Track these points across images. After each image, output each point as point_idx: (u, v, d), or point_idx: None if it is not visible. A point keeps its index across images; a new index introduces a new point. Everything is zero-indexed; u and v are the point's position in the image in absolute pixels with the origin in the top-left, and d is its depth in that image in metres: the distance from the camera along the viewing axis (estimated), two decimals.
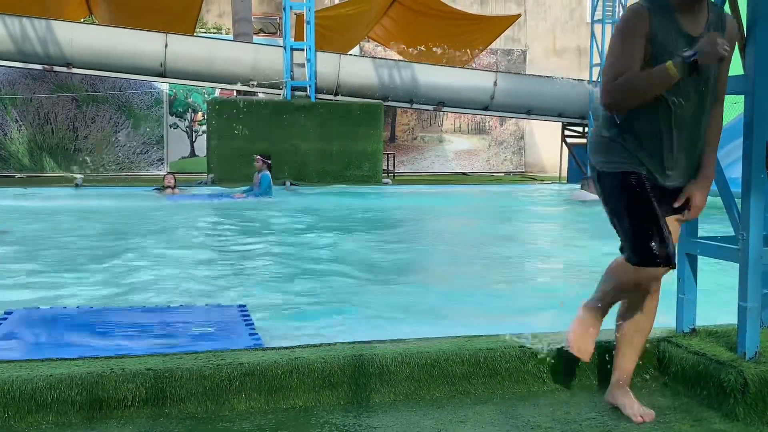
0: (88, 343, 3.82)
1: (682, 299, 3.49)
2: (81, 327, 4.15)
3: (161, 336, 4.00)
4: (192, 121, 21.70)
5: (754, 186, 3.08)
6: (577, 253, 7.89)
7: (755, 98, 3.06)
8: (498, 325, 4.22)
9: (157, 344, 3.80)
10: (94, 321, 4.28)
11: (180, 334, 4.06)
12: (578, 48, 24.25)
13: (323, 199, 13.80)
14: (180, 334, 4.06)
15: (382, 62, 18.23)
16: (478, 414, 3.06)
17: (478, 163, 23.91)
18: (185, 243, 8.27)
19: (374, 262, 7.16)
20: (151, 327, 4.20)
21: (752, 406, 2.94)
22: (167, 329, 4.15)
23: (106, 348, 3.65)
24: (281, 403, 3.13)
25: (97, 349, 3.62)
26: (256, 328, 4.16)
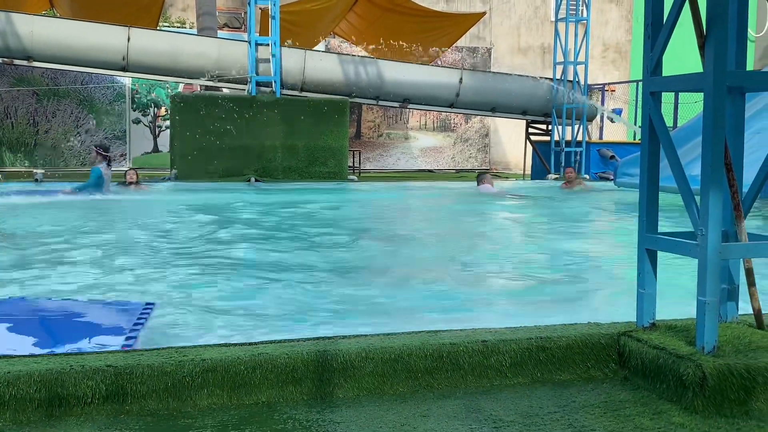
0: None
1: (642, 294, 3.54)
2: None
3: (33, 329, 3.92)
4: (155, 116, 21.46)
5: (712, 183, 3.13)
6: (537, 248, 7.95)
7: (714, 96, 3.11)
8: (456, 320, 4.26)
9: (23, 338, 3.72)
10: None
11: (56, 327, 3.99)
12: (542, 46, 24.44)
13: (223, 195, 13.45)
14: (56, 327, 3.99)
15: (348, 58, 18.19)
16: (441, 408, 3.07)
17: (444, 160, 23.99)
18: (111, 240, 8.13)
19: (283, 260, 7.04)
20: (32, 320, 4.11)
21: (710, 399, 2.99)
22: (47, 322, 4.08)
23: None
24: (244, 398, 3.11)
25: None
26: (146, 327, 4.11)
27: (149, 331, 4.09)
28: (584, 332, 3.54)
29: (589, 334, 3.52)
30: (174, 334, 4.25)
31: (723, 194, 3.22)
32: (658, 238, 3.48)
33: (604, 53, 25.11)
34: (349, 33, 21.64)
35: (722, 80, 3.12)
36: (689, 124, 13.25)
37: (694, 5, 3.23)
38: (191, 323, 4.59)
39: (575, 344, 3.47)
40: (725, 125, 3.19)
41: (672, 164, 3.36)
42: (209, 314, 4.85)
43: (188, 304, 5.07)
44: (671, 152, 3.37)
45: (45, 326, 4.03)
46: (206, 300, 5.26)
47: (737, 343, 3.23)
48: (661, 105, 3.52)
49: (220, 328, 4.48)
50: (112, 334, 3.95)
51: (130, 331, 3.99)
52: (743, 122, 3.56)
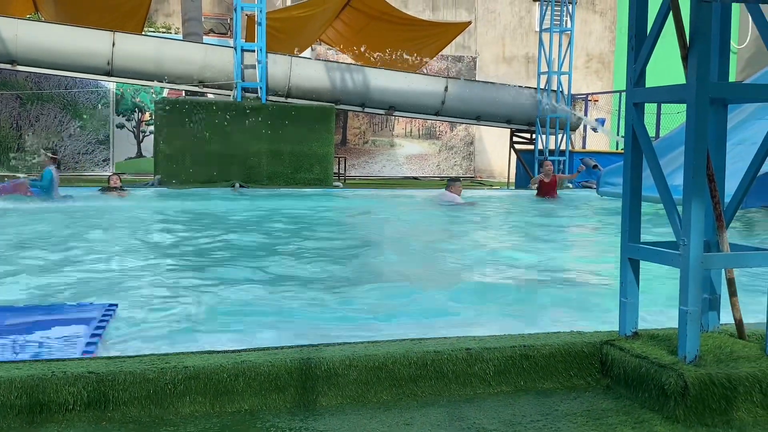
0: None
1: (624, 303, 3.56)
2: None
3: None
4: (139, 121, 21.37)
5: (694, 193, 3.15)
6: (522, 256, 7.98)
7: (697, 107, 3.14)
8: (441, 327, 4.26)
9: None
10: None
11: (16, 332, 3.96)
12: (527, 56, 24.57)
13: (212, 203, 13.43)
14: (16, 332, 3.96)
15: (334, 65, 18.21)
16: (425, 416, 3.07)
17: (429, 167, 24.03)
18: (86, 244, 8.08)
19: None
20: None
21: (692, 409, 3.01)
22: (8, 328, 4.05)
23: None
24: (227, 406, 3.10)
25: None
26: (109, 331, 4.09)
27: (111, 332, 4.07)
28: (567, 341, 3.55)
29: (571, 342, 3.53)
30: (136, 336, 4.22)
31: (705, 204, 3.25)
32: (640, 247, 3.50)
33: (587, 63, 25.27)
34: (335, 40, 21.67)
35: (705, 92, 3.15)
36: (672, 134, 13.35)
37: (677, 17, 3.26)
38: (154, 325, 4.55)
39: (558, 353, 3.48)
40: (707, 136, 3.22)
41: (654, 174, 3.39)
42: (173, 318, 4.82)
43: (153, 307, 5.04)
44: (654, 162, 3.39)
45: (4, 332, 3.99)
46: (172, 304, 5.22)
47: (719, 352, 3.26)
48: (644, 115, 3.55)
49: (181, 331, 4.45)
50: (73, 335, 3.92)
51: (95, 329, 3.97)
52: (725, 133, 3.59)
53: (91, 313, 4.43)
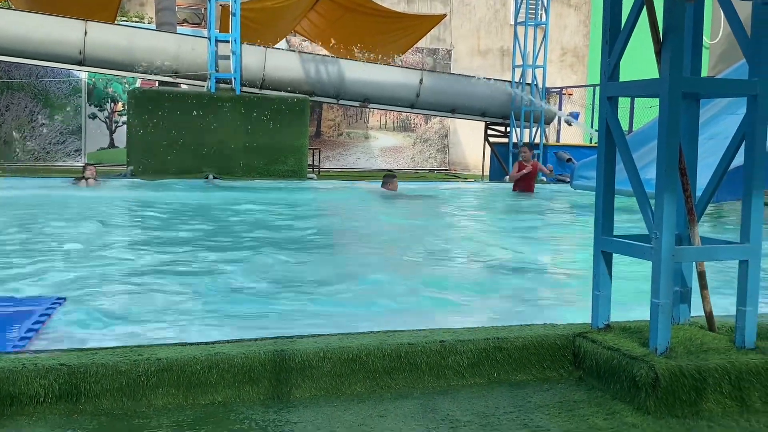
0: None
1: (597, 295, 3.59)
2: None
3: None
4: (112, 111, 21.15)
5: (667, 187, 3.18)
6: (495, 249, 8.02)
7: (669, 101, 3.17)
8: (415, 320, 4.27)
9: None
10: None
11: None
12: (502, 49, 24.64)
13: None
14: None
15: (309, 57, 18.14)
16: (399, 408, 3.08)
17: (403, 160, 24.05)
18: (51, 236, 8.01)
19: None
20: None
21: (663, 400, 3.05)
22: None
23: None
24: (200, 398, 3.08)
25: None
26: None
27: (54, 324, 4.02)
28: (540, 333, 3.58)
29: (545, 335, 3.56)
30: (77, 329, 4.17)
31: (677, 198, 3.28)
32: (613, 240, 3.53)
33: (562, 57, 25.41)
34: (310, 32, 21.58)
35: (678, 86, 3.18)
36: (644, 128, 13.45)
37: (651, 12, 3.28)
38: (100, 319, 4.50)
39: (531, 345, 3.51)
40: (680, 130, 3.25)
41: (627, 168, 3.42)
42: (133, 310, 4.77)
43: (105, 300, 4.98)
44: (627, 156, 3.42)
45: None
46: (123, 297, 5.17)
47: (689, 344, 3.30)
48: (618, 109, 3.58)
49: (129, 323, 4.42)
50: (9, 329, 3.85)
51: (33, 324, 3.91)
52: (697, 127, 3.63)
53: (35, 306, 4.35)
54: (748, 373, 3.14)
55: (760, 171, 3.31)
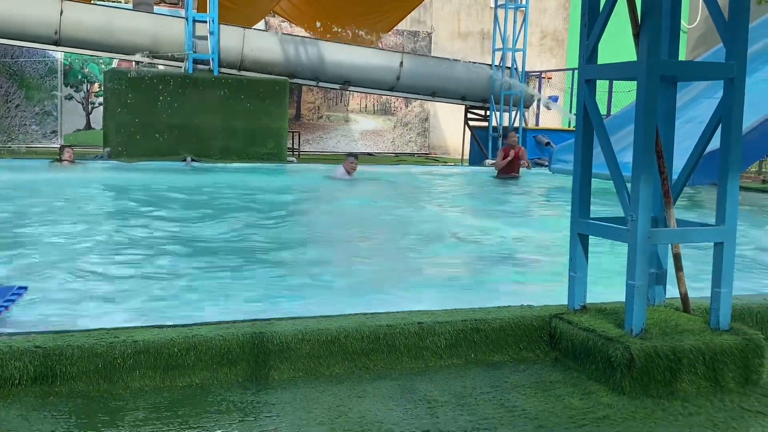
0: None
1: (573, 277, 3.62)
2: None
3: None
4: (88, 92, 20.91)
5: (643, 170, 3.20)
6: (474, 231, 8.04)
7: (647, 84, 3.18)
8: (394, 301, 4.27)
9: None
10: None
11: None
12: (482, 32, 24.60)
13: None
14: None
15: (288, 38, 18.00)
16: (377, 389, 3.10)
17: (384, 143, 24.00)
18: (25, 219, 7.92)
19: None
20: None
21: (637, 380, 3.09)
22: None
23: None
24: (177, 380, 3.08)
25: None
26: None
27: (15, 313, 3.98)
28: (517, 315, 3.60)
29: (521, 316, 3.59)
30: (42, 318, 4.11)
31: (653, 181, 3.30)
32: (589, 223, 3.55)
33: (541, 40, 25.42)
34: (289, 12, 21.41)
35: (655, 69, 3.19)
36: (622, 112, 13.52)
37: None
38: (67, 307, 4.46)
39: (508, 326, 3.53)
40: (657, 113, 3.27)
41: (605, 151, 3.43)
42: (104, 294, 4.74)
43: (77, 284, 4.94)
44: (604, 139, 3.44)
45: None
46: (109, 278, 5.14)
47: (664, 325, 3.33)
48: (596, 93, 3.59)
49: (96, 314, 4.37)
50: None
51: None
52: (674, 111, 3.65)
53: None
54: (722, 353, 3.19)
55: (736, 154, 3.34)
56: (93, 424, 2.68)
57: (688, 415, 2.91)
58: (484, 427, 2.74)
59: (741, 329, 3.36)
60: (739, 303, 3.82)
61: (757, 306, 3.92)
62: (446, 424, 2.75)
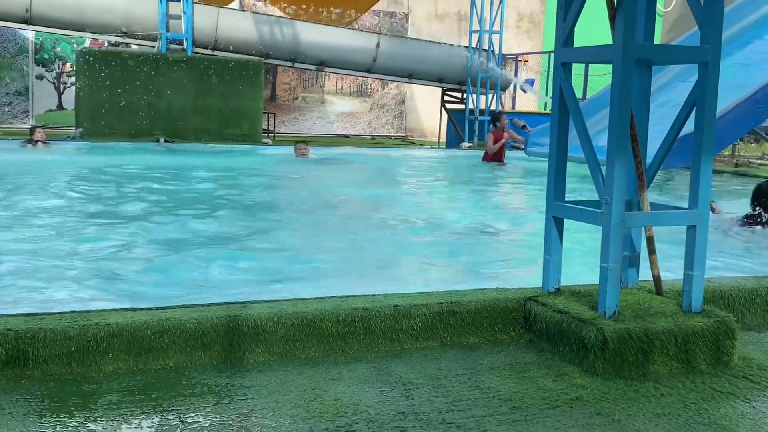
0: None
1: (548, 260, 3.64)
2: None
3: None
4: (60, 72, 20.62)
5: (618, 153, 3.22)
6: (449, 214, 8.06)
7: (622, 67, 3.19)
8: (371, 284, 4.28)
9: None
10: None
11: None
12: (459, 14, 24.54)
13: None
14: None
15: (263, 18, 17.84)
16: (352, 371, 3.10)
17: (360, 125, 23.94)
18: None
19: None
20: None
21: (611, 362, 3.12)
22: None
23: None
24: (151, 364, 3.06)
25: None
26: None
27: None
28: (492, 297, 3.62)
29: (496, 298, 3.60)
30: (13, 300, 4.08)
31: (627, 164, 3.32)
32: (564, 206, 3.57)
33: (518, 23, 25.42)
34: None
35: (631, 52, 3.20)
36: (598, 95, 13.59)
37: None
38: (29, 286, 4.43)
39: (484, 309, 3.55)
40: (632, 96, 3.28)
41: (580, 134, 3.44)
42: (71, 276, 4.70)
43: (48, 268, 4.88)
44: (580, 123, 3.45)
45: None
46: (65, 264, 5.06)
47: (637, 308, 3.37)
48: (572, 76, 3.59)
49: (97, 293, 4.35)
50: None
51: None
52: (649, 94, 3.67)
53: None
54: (694, 335, 3.22)
55: (709, 138, 3.37)
56: (66, 407, 2.66)
57: (660, 396, 2.94)
58: (459, 409, 2.75)
59: (713, 311, 3.40)
60: (711, 285, 3.87)
61: (728, 288, 3.97)
62: (421, 406, 2.77)
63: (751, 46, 12.50)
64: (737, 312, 3.89)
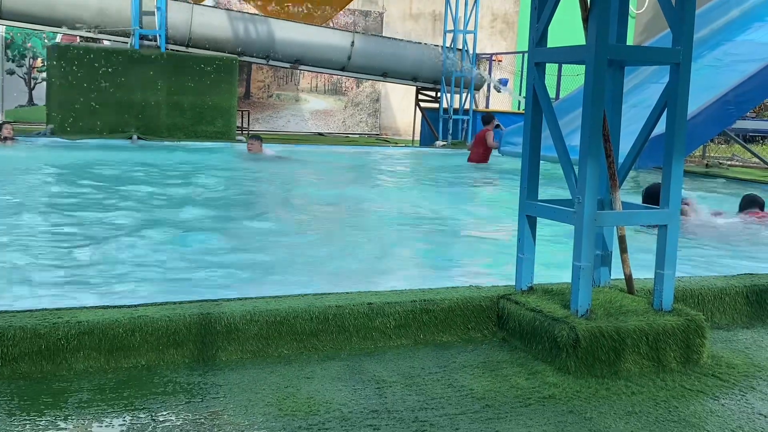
0: None
1: (521, 258, 3.66)
2: None
3: None
4: (30, 67, 20.35)
5: (590, 153, 3.24)
6: (424, 212, 8.08)
7: (595, 68, 3.21)
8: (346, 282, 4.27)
9: None
10: None
11: None
12: (433, 13, 24.59)
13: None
14: None
15: (238, 15, 17.74)
16: (325, 369, 3.09)
17: (334, 123, 23.89)
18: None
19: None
20: None
21: (583, 360, 3.14)
22: None
23: None
24: (123, 362, 3.03)
25: None
26: None
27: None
28: (465, 295, 3.63)
29: (470, 297, 3.61)
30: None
31: (600, 164, 3.35)
32: (537, 204, 3.59)
33: (492, 23, 25.51)
34: None
35: (604, 53, 3.23)
36: (571, 95, 13.67)
37: None
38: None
39: (457, 307, 3.56)
40: (605, 97, 3.31)
41: (553, 134, 3.47)
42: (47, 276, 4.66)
43: (19, 267, 4.84)
44: (553, 122, 3.47)
45: None
46: (36, 262, 5.02)
47: (609, 306, 3.39)
48: (545, 76, 3.61)
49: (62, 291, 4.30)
50: None
51: None
52: (621, 95, 3.70)
53: None
54: (664, 334, 3.26)
55: (681, 139, 3.40)
56: (36, 405, 2.63)
57: (631, 394, 2.97)
58: (431, 407, 2.76)
59: (683, 310, 3.44)
60: (681, 284, 3.92)
61: (698, 287, 4.02)
62: (394, 404, 2.77)
63: (722, 48, 12.66)
64: (707, 311, 3.94)
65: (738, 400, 2.96)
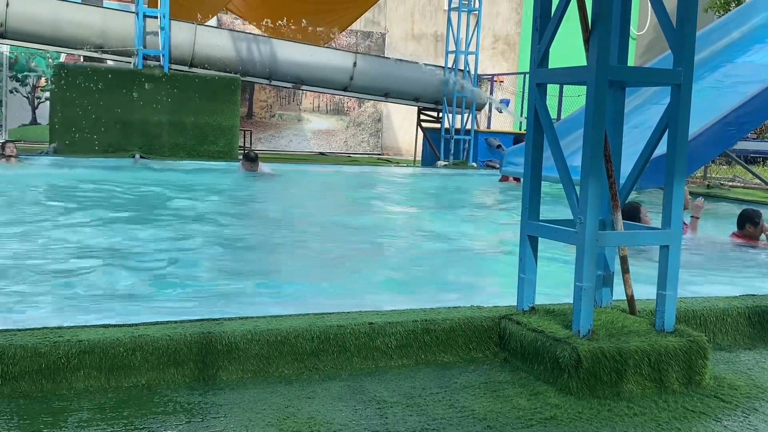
0: None
1: (523, 279, 3.65)
2: None
3: None
4: (34, 86, 20.45)
5: (592, 173, 3.25)
6: (426, 233, 8.08)
7: (596, 88, 3.23)
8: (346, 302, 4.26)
9: None
10: None
11: None
12: (435, 34, 24.72)
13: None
14: None
15: (241, 35, 17.83)
16: (326, 390, 3.08)
17: (336, 143, 23.95)
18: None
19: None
20: None
21: (584, 381, 3.13)
22: None
23: None
24: (123, 381, 3.02)
25: None
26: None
27: None
28: (467, 315, 3.62)
29: (471, 317, 3.61)
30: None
31: (601, 184, 3.35)
32: (539, 225, 3.59)
33: (494, 44, 25.65)
34: (242, 9, 21.23)
35: (605, 74, 3.24)
36: (572, 116, 13.70)
37: (580, 1, 3.33)
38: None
39: (458, 327, 3.55)
40: (606, 118, 3.32)
41: (554, 154, 3.47)
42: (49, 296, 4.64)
43: (21, 285, 4.83)
44: (554, 143, 3.48)
45: None
46: (40, 281, 5.01)
47: (611, 327, 3.39)
48: (546, 97, 3.63)
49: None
50: None
51: None
52: (623, 116, 3.71)
53: None
54: (666, 355, 3.25)
55: (681, 160, 3.41)
56: (36, 425, 2.62)
57: (633, 416, 2.96)
58: (433, 428, 2.74)
59: (685, 331, 3.43)
60: (683, 305, 3.91)
61: (700, 308, 4.01)
62: (395, 425, 2.75)
63: (722, 70, 12.70)
64: (709, 332, 3.93)
65: (741, 421, 2.94)
